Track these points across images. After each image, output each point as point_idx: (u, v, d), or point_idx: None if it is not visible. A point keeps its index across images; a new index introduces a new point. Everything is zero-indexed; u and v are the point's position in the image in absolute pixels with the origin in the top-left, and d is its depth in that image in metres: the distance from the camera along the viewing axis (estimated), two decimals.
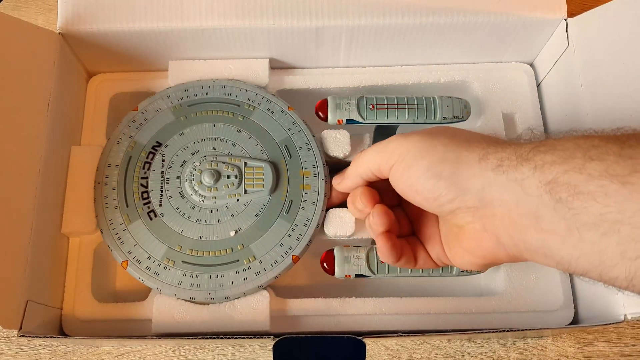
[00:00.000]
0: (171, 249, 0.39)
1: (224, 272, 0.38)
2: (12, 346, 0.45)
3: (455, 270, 0.38)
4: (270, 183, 0.40)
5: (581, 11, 0.42)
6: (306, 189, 0.40)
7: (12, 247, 0.36)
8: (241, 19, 0.42)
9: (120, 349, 0.44)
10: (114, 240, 0.39)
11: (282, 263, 0.38)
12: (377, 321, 0.40)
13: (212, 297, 0.38)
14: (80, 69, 0.47)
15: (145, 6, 0.42)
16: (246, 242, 0.39)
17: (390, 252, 0.34)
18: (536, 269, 0.41)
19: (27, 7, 0.56)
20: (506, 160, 0.28)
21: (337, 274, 0.38)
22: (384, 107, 0.41)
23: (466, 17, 0.42)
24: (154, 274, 0.38)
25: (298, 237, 0.39)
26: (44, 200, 0.40)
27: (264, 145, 0.41)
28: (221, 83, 0.44)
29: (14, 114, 0.38)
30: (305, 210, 0.40)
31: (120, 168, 0.41)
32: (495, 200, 0.28)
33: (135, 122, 0.42)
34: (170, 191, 0.40)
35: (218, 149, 0.41)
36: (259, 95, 0.43)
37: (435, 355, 0.44)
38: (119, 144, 0.42)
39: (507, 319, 0.40)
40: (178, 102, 0.43)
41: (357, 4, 0.42)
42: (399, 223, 0.37)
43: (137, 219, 0.40)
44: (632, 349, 0.44)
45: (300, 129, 0.42)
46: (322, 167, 0.41)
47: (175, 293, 0.38)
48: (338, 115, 0.41)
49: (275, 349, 0.35)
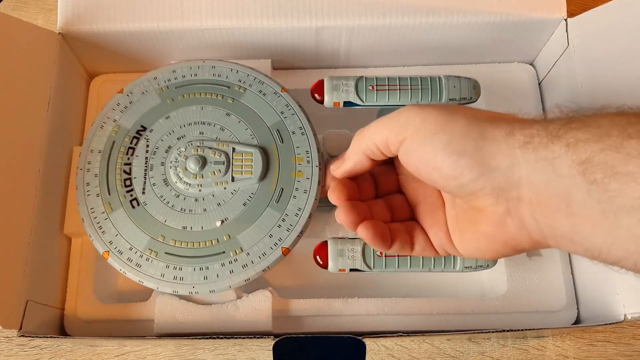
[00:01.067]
0: (154, 239, 0.37)
1: (208, 265, 0.36)
2: (12, 346, 0.44)
3: (459, 265, 0.36)
4: (259, 170, 0.37)
5: (581, 11, 0.42)
6: (298, 177, 0.38)
7: (12, 247, 0.36)
8: (241, 19, 0.42)
9: (121, 349, 0.44)
10: (95, 229, 0.37)
11: (271, 255, 0.36)
12: (379, 322, 0.40)
13: (197, 291, 0.36)
14: (80, 69, 0.47)
15: (145, 6, 0.42)
16: (233, 233, 0.37)
17: (374, 240, 0.31)
18: (539, 269, 0.41)
19: (27, 7, 0.56)
20: (535, 137, 0.25)
21: (331, 268, 0.36)
22: (385, 89, 0.39)
23: (466, 17, 0.42)
24: (136, 265, 0.36)
25: (289, 228, 0.37)
26: (44, 200, 0.40)
27: (254, 130, 0.39)
28: (211, 63, 0.41)
29: (14, 114, 0.38)
30: (297, 199, 0.37)
31: (103, 154, 0.39)
32: (523, 181, 0.26)
33: (119, 105, 0.40)
34: (154, 178, 0.38)
35: (205, 133, 0.39)
36: (251, 76, 0.41)
37: (435, 355, 0.44)
38: (102, 128, 0.39)
39: (510, 320, 0.40)
40: (165, 83, 0.41)
41: (357, 4, 0.42)
42: (397, 208, 0.35)
43: (119, 207, 0.37)
44: (632, 349, 0.44)
45: (294, 112, 0.40)
46: (316, 152, 0.38)
47: (158, 286, 0.36)
48: (335, 98, 0.39)
49: (275, 349, 0.35)
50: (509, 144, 0.26)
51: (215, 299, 0.40)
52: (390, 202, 0.35)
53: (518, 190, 0.26)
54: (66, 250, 0.42)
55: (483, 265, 0.36)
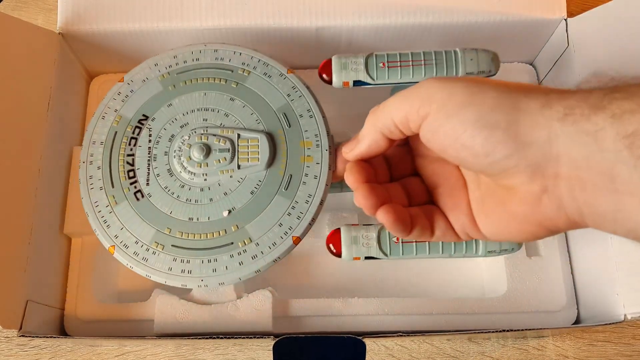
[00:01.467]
0: (160, 232, 0.35)
1: (217, 257, 0.35)
2: (12, 346, 0.44)
3: (481, 249, 0.34)
4: (266, 156, 0.36)
5: (581, 11, 0.42)
6: (308, 162, 0.36)
7: (12, 247, 0.36)
8: (241, 18, 0.42)
9: (120, 349, 0.44)
10: (100, 223, 0.36)
11: (282, 245, 0.35)
12: (379, 322, 0.40)
13: (205, 284, 0.34)
14: (80, 69, 0.47)
15: (145, 6, 0.42)
16: (241, 223, 0.35)
17: (395, 225, 0.29)
18: (539, 269, 0.41)
19: (27, 7, 0.56)
20: (576, 108, 0.23)
21: (345, 256, 0.34)
22: (397, 65, 0.37)
23: (466, 17, 0.42)
24: (143, 259, 0.35)
25: (299, 216, 0.35)
26: (43, 200, 0.40)
27: (259, 114, 0.37)
28: (213, 47, 0.40)
29: (14, 114, 0.38)
30: (306, 186, 0.36)
31: (105, 145, 0.37)
32: (562, 156, 0.24)
33: (120, 94, 0.39)
34: (158, 169, 0.37)
35: (209, 120, 0.38)
36: (255, 58, 0.39)
37: (435, 355, 0.44)
38: (103, 118, 0.38)
39: (510, 320, 0.40)
40: (166, 70, 0.39)
41: (357, 4, 0.42)
42: (414, 191, 0.32)
43: (123, 200, 0.36)
44: (632, 349, 0.44)
45: (301, 94, 0.38)
46: (325, 136, 0.37)
47: (166, 280, 0.35)
48: (344, 77, 0.37)
49: (275, 349, 0.35)
50: (546, 116, 0.24)
51: (215, 298, 0.40)
52: (406, 186, 0.33)
53: (556, 166, 0.24)
54: (66, 250, 0.42)
55: (507, 249, 0.34)
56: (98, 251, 0.43)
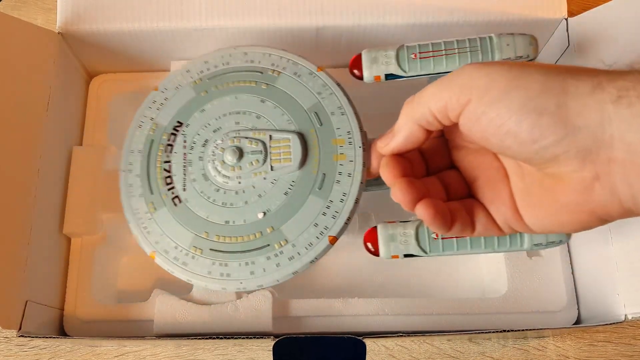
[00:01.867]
0: (198, 236, 0.36)
1: (254, 259, 0.35)
2: (12, 346, 0.44)
3: (527, 243, 0.33)
4: (299, 156, 0.36)
5: (581, 11, 0.42)
6: (341, 160, 0.36)
7: (11, 247, 0.36)
8: (241, 18, 0.42)
9: (120, 349, 0.44)
10: (141, 230, 0.36)
11: (318, 245, 0.34)
12: (379, 322, 0.40)
13: (244, 287, 0.35)
14: (80, 69, 0.47)
15: (145, 6, 0.42)
16: (276, 224, 0.35)
17: (435, 220, 0.28)
18: (539, 269, 0.41)
19: (26, 7, 0.56)
20: (631, 90, 0.22)
21: (383, 254, 0.33)
22: (429, 56, 0.36)
23: (466, 16, 0.42)
24: (182, 264, 0.35)
25: (334, 215, 0.35)
26: (43, 200, 0.39)
27: (291, 115, 0.37)
28: (243, 50, 0.40)
29: (12, 114, 0.38)
30: (340, 184, 0.35)
31: (143, 153, 0.38)
32: (615, 140, 0.23)
33: (155, 102, 0.39)
34: (193, 174, 0.37)
35: (241, 123, 0.38)
36: (284, 58, 0.39)
37: (436, 355, 0.44)
38: (140, 127, 0.39)
39: (510, 320, 0.40)
40: (198, 76, 0.40)
41: (357, 4, 0.42)
42: (452, 185, 0.31)
43: (162, 206, 0.37)
44: (633, 349, 0.44)
45: (332, 92, 0.38)
46: (358, 132, 0.36)
47: (206, 284, 0.35)
48: (375, 71, 0.36)
49: (275, 350, 0.35)
50: (598, 98, 0.23)
51: (215, 299, 0.40)
52: (444, 179, 0.31)
53: (609, 151, 0.23)
54: (65, 251, 0.42)
55: (555, 241, 0.33)
56: (97, 251, 0.43)
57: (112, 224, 0.43)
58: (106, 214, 0.43)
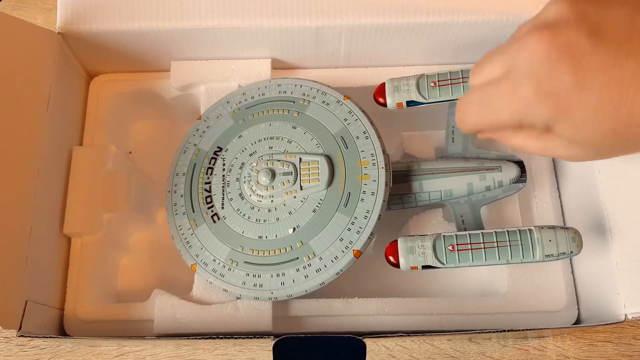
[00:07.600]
0: (234, 250, 0.39)
1: (284, 271, 0.38)
2: (12, 346, 0.44)
3: (539, 254, 0.34)
4: (326, 177, 0.39)
5: None
6: (365, 180, 0.39)
7: (12, 247, 0.36)
8: (241, 18, 0.42)
9: (120, 349, 0.44)
10: (184, 244, 0.40)
11: (343, 259, 0.37)
12: (379, 322, 0.40)
13: (275, 297, 0.37)
14: (79, 69, 0.47)
15: (145, 6, 0.42)
16: (305, 239, 0.38)
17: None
18: (539, 269, 0.41)
19: (26, 7, 0.56)
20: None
21: (403, 266, 0.36)
22: (447, 84, 0.38)
23: (466, 16, 0.42)
24: (220, 275, 0.38)
25: (358, 231, 0.37)
26: (43, 200, 0.40)
27: (319, 139, 0.41)
28: (277, 82, 0.44)
29: (12, 114, 0.38)
30: (364, 202, 0.38)
31: (187, 175, 0.42)
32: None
33: (199, 130, 0.43)
34: (231, 193, 0.41)
35: (274, 147, 0.41)
36: (314, 88, 0.42)
37: (436, 355, 0.44)
38: (185, 152, 0.43)
39: (510, 320, 0.40)
40: (237, 106, 0.43)
41: (357, 4, 0.42)
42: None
43: (202, 223, 0.40)
44: (633, 349, 0.44)
45: (357, 118, 0.41)
46: (381, 154, 0.39)
47: (241, 293, 0.38)
48: (397, 99, 0.39)
49: (275, 349, 0.35)
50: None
51: (215, 299, 0.40)
52: None
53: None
54: (66, 251, 0.42)
55: (566, 252, 0.35)
56: (97, 251, 0.43)
57: (112, 224, 0.43)
58: (106, 214, 0.43)
